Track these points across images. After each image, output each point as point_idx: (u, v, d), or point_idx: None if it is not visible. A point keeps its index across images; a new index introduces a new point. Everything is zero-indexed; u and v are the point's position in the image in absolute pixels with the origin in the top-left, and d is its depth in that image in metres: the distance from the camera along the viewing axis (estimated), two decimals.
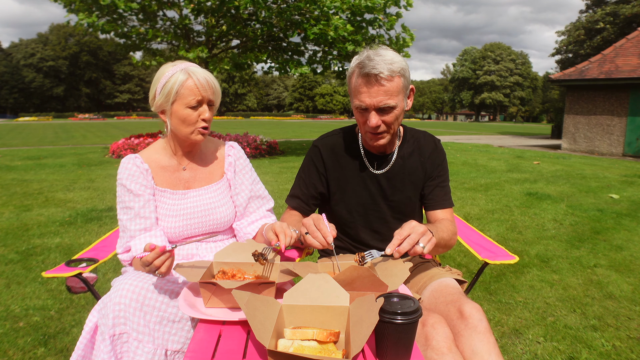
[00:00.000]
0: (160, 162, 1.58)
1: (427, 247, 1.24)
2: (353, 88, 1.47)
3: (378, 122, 1.45)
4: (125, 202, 1.50)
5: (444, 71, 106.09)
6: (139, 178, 1.52)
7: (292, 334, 0.98)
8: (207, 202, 1.59)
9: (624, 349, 2.36)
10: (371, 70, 1.39)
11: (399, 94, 1.44)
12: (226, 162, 1.68)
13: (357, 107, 1.47)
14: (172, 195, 1.56)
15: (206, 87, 1.46)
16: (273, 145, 13.05)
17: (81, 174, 8.53)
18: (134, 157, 1.55)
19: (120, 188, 1.52)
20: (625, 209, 5.83)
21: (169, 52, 13.52)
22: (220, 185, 1.65)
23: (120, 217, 1.51)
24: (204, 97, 1.47)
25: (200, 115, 1.48)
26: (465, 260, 3.72)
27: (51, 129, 29.78)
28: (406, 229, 1.24)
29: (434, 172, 1.65)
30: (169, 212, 1.54)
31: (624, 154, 14.52)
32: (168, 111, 1.49)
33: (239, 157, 1.70)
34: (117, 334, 1.24)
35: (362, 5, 10.32)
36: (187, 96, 1.45)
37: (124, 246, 1.49)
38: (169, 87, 1.45)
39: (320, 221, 1.33)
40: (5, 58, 70.93)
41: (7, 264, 3.55)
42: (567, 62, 31.17)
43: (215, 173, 1.66)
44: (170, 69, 1.48)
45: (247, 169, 1.71)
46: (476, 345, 1.21)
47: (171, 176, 1.58)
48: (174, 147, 1.59)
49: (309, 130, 30.88)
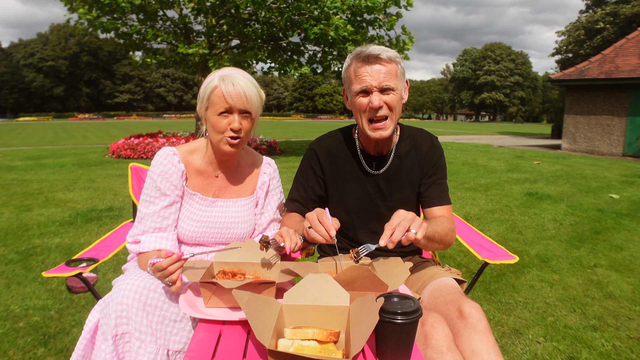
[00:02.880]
0: (196, 164, 1.56)
1: (420, 233, 1.23)
2: (353, 74, 1.48)
3: (381, 103, 1.45)
4: (151, 196, 1.48)
5: (444, 71, 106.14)
6: (172, 177, 1.49)
7: (292, 333, 0.98)
8: (232, 215, 1.58)
9: (624, 349, 2.36)
10: (371, 53, 1.44)
11: (398, 78, 1.47)
12: (260, 180, 1.66)
13: (358, 91, 1.46)
14: (201, 200, 1.55)
15: (234, 96, 1.41)
16: (273, 145, 13.06)
17: (81, 174, 8.53)
18: (172, 154, 1.52)
19: (149, 181, 1.49)
20: (625, 209, 5.83)
21: (169, 52, 13.52)
22: (248, 201, 1.63)
23: (141, 208, 1.49)
24: (231, 105, 1.42)
25: (230, 124, 1.44)
26: (465, 260, 3.72)
27: (51, 129, 29.77)
28: (395, 218, 1.25)
29: (431, 169, 1.64)
30: (194, 215, 1.53)
31: (624, 154, 14.52)
32: (203, 117, 1.50)
33: (274, 177, 1.69)
34: (120, 334, 1.23)
35: (362, 5, 10.32)
36: (216, 103, 1.43)
37: (134, 236, 1.49)
38: (203, 93, 1.46)
39: (323, 215, 1.33)
40: (5, 58, 70.94)
41: (7, 264, 3.55)
42: (567, 62, 31.16)
43: (247, 188, 1.64)
44: (212, 74, 1.47)
45: (278, 191, 1.71)
46: (476, 345, 1.21)
47: (204, 181, 1.57)
48: (210, 156, 1.58)
49: (309, 130, 30.87)
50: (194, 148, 1.58)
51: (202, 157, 1.57)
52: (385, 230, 1.23)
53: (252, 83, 1.46)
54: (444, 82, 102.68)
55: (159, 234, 1.47)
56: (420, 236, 1.23)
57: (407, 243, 1.24)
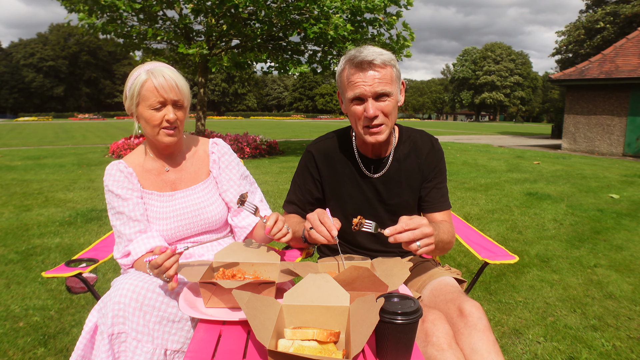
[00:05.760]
0: (144, 165, 1.57)
1: (422, 250, 1.22)
2: (346, 81, 1.44)
3: (376, 112, 1.41)
4: (116, 208, 1.49)
5: (444, 71, 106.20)
6: (124, 182, 1.51)
7: (292, 334, 0.98)
8: (195, 202, 1.57)
9: (624, 349, 2.36)
10: (364, 58, 1.38)
11: (393, 83, 1.42)
12: (210, 160, 1.65)
13: (352, 98, 1.43)
14: (159, 198, 1.55)
15: (167, 88, 1.41)
16: (273, 145, 13.05)
17: (81, 174, 8.53)
18: (117, 163, 1.54)
19: (108, 195, 1.51)
20: (625, 209, 5.83)
21: (169, 52, 13.52)
22: (207, 184, 1.63)
23: (114, 223, 1.51)
24: (165, 98, 1.42)
25: (165, 116, 1.44)
26: (465, 260, 3.72)
27: (51, 129, 29.77)
28: (415, 221, 1.22)
29: (431, 173, 1.62)
30: (158, 214, 1.53)
31: (624, 154, 14.52)
32: (135, 113, 1.47)
33: (223, 153, 1.67)
34: (116, 334, 1.23)
35: (362, 5, 10.32)
36: (148, 98, 1.41)
37: (122, 251, 1.49)
38: (132, 89, 1.43)
39: (324, 216, 1.32)
40: (5, 58, 70.93)
41: (7, 264, 3.55)
42: (567, 62, 31.14)
43: (201, 172, 1.63)
44: (137, 70, 1.45)
45: (234, 164, 1.67)
46: (476, 343, 1.21)
47: (156, 179, 1.57)
48: (153, 150, 1.58)
49: (309, 130, 30.87)
50: (137, 152, 1.60)
51: (147, 158, 1.58)
52: (399, 223, 1.22)
53: (179, 74, 1.48)
54: (444, 82, 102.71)
55: (143, 237, 1.48)
56: (420, 253, 1.23)
57: (406, 248, 1.23)
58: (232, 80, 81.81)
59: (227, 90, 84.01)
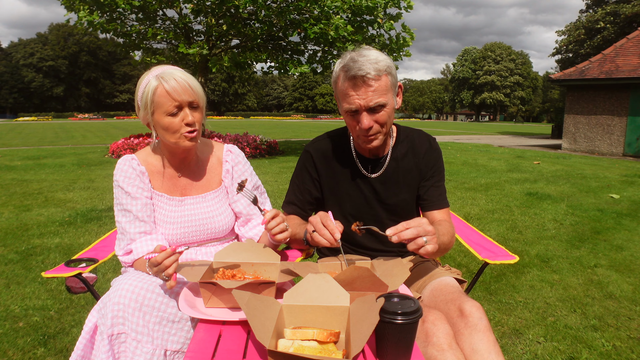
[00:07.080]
0: (156, 166, 1.54)
1: (430, 246, 1.20)
2: (340, 92, 1.44)
3: (370, 123, 1.41)
4: (123, 205, 1.47)
5: (444, 71, 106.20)
6: (136, 180, 1.48)
7: (292, 334, 0.98)
8: (203, 210, 1.55)
9: (625, 349, 2.35)
10: (357, 72, 1.36)
11: (388, 92, 1.41)
12: (223, 169, 1.61)
13: (347, 110, 1.43)
14: (168, 201, 1.53)
15: (180, 90, 1.36)
16: (273, 145, 13.05)
17: (81, 174, 8.53)
18: (130, 159, 1.51)
19: (117, 190, 1.49)
20: (626, 209, 5.83)
21: (168, 52, 13.51)
22: (217, 193, 1.59)
23: (119, 220, 1.49)
24: (180, 101, 1.37)
25: (183, 120, 1.39)
26: (465, 260, 3.72)
27: (51, 129, 29.76)
28: (415, 221, 1.22)
29: (429, 172, 1.62)
30: (166, 218, 1.52)
31: (624, 153, 14.52)
32: (151, 123, 1.42)
33: (237, 162, 1.63)
34: (115, 334, 1.23)
35: (363, 5, 10.31)
36: (163, 104, 1.37)
37: (124, 249, 1.48)
38: (144, 98, 1.38)
39: (327, 218, 1.32)
40: (5, 58, 70.93)
41: (7, 264, 3.55)
42: (567, 62, 31.12)
43: (212, 180, 1.60)
44: (145, 77, 1.40)
45: (246, 175, 1.64)
46: (476, 344, 1.21)
47: (168, 182, 1.54)
48: (166, 152, 1.53)
49: (309, 130, 30.87)
50: (148, 149, 1.57)
51: (160, 160, 1.54)
52: (400, 224, 1.22)
53: (189, 74, 1.43)
54: (444, 82, 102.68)
55: (147, 238, 1.47)
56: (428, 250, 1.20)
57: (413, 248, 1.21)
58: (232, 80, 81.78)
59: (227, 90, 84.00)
